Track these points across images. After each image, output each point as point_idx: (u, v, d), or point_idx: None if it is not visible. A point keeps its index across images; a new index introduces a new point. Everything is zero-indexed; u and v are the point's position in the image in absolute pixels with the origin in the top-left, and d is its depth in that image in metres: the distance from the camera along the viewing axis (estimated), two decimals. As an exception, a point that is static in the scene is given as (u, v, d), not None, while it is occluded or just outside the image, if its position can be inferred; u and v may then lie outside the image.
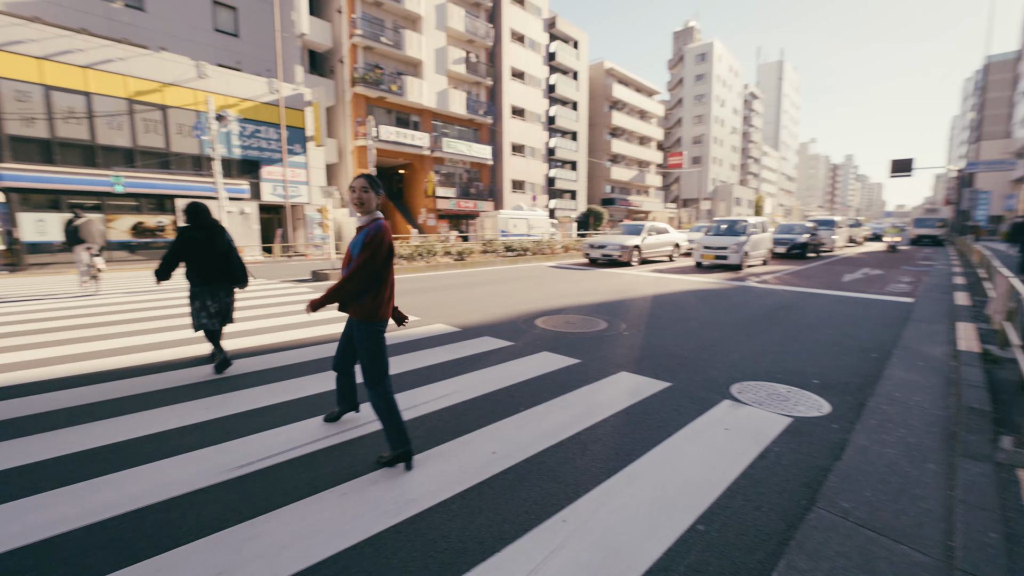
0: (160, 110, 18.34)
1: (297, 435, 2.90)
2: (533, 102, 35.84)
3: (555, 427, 3.03)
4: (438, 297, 8.41)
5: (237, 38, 23.58)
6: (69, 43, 16.28)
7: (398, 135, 26.76)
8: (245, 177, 20.49)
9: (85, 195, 16.83)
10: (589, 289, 9.38)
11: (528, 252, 16.88)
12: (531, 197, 35.39)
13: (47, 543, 1.93)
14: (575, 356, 4.62)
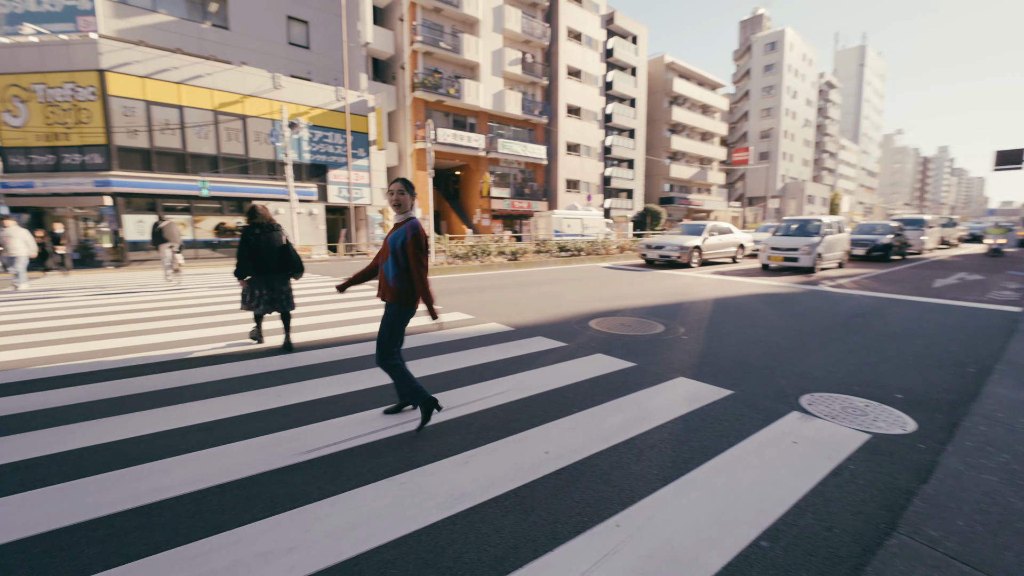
0: (240, 120, 19.92)
1: (359, 425, 3.05)
2: (589, 100, 35.40)
3: (609, 430, 2.98)
4: (491, 296, 8.52)
5: (308, 50, 25.15)
6: (167, 62, 18.09)
7: (455, 137, 27.39)
8: (313, 180, 21.81)
9: (176, 198, 18.63)
10: (645, 291, 9.14)
11: (582, 252, 16.71)
12: (586, 197, 34.98)
13: (150, 507, 2.17)
14: (630, 359, 4.52)
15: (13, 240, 10.00)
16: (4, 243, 10.02)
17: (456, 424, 3.07)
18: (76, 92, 16.87)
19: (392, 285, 2.90)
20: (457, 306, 7.44)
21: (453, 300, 8.07)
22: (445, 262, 13.64)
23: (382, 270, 2.98)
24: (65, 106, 16.98)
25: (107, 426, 3.06)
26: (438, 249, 15.12)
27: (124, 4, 20.18)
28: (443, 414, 3.21)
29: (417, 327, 5.97)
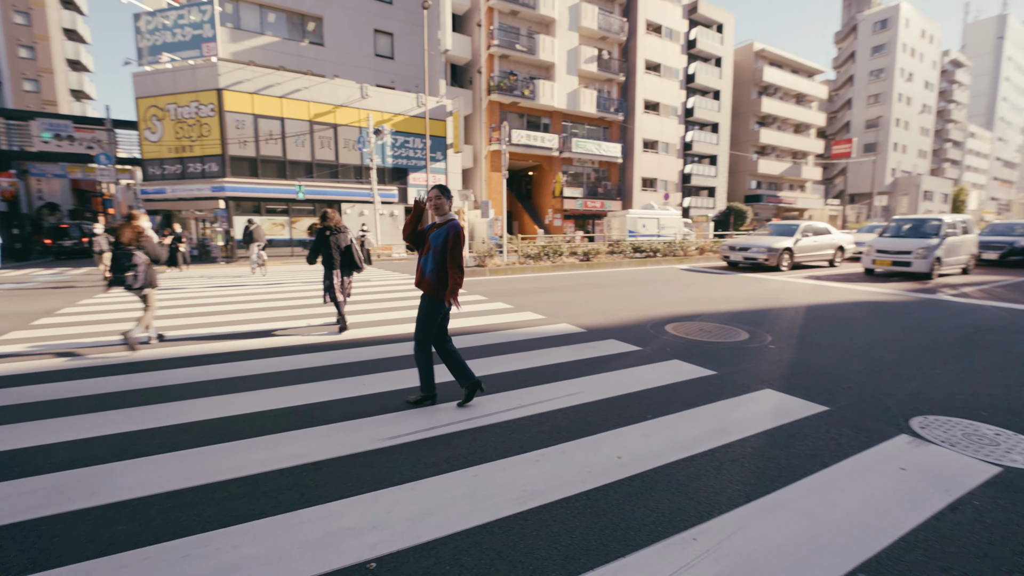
0: (332, 128, 21.59)
1: (435, 416, 3.20)
2: (668, 95, 33.97)
3: (686, 440, 2.86)
4: (563, 297, 8.49)
5: (392, 60, 26.64)
6: (271, 79, 20.06)
7: (528, 138, 27.60)
8: (395, 183, 23.09)
9: (276, 202, 20.62)
10: (728, 295, 8.61)
11: (658, 254, 16.10)
12: (663, 195, 33.60)
13: (256, 477, 2.45)
14: (710, 367, 4.29)
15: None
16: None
17: (527, 422, 3.11)
18: (199, 109, 19.28)
19: (428, 278, 3.21)
20: (528, 306, 7.51)
21: (524, 300, 8.16)
22: (517, 262, 13.81)
23: (420, 263, 3.27)
24: (190, 122, 19.47)
25: (219, 403, 3.48)
26: (510, 249, 15.34)
27: (238, 30, 22.70)
28: (514, 412, 3.27)
29: (489, 325, 6.11)
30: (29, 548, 1.94)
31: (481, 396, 3.53)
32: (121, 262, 4.97)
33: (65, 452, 2.75)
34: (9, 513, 2.17)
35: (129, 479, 2.45)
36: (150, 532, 2.03)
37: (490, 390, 3.69)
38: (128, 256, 5.00)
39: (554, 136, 28.65)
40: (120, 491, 2.34)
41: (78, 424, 3.13)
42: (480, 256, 13.58)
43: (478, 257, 13.66)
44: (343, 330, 5.77)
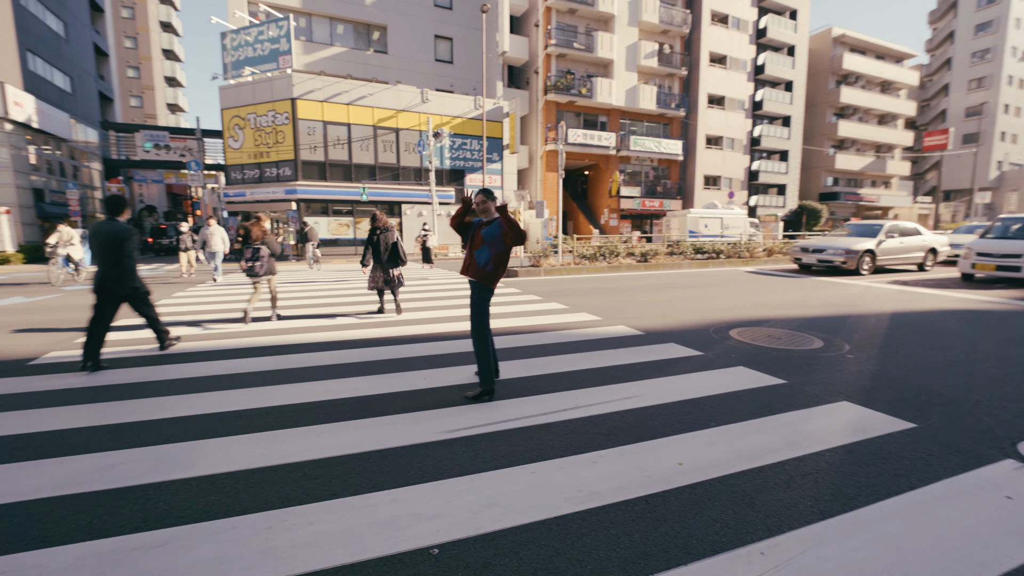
0: (394, 132, 22.49)
1: (494, 413, 3.27)
2: (734, 88, 32.30)
3: (753, 450, 2.73)
4: (619, 298, 8.34)
5: (451, 64, 27.32)
6: (339, 87, 21.22)
7: (585, 137, 27.30)
8: (452, 184, 23.67)
9: (342, 203, 21.78)
10: (799, 300, 8.08)
11: (721, 255, 15.37)
12: (727, 194, 32.02)
13: (328, 460, 2.62)
14: (780, 376, 4.05)
15: (214, 237, 11.34)
16: (207, 240, 11.30)
17: (584, 423, 3.10)
18: (275, 118, 20.77)
19: (482, 268, 3.53)
20: (584, 306, 7.44)
21: (579, 300, 8.09)
22: (571, 262, 13.72)
23: (474, 256, 3.57)
24: (267, 130, 21.03)
25: (294, 391, 3.75)
26: (564, 249, 15.25)
27: (310, 42, 24.23)
28: (571, 412, 3.27)
29: (544, 325, 6.13)
30: (140, 509, 2.20)
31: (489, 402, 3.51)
32: (251, 254, 6.24)
33: (165, 428, 3.08)
34: (122, 478, 2.46)
35: (219, 455, 2.70)
36: (237, 504, 2.23)
37: (546, 390, 3.71)
38: (256, 250, 6.27)
39: (611, 134, 28.14)
40: (211, 465, 2.59)
41: (174, 404, 3.50)
42: (535, 256, 13.62)
43: (532, 257, 13.71)
44: (380, 311, 6.98)
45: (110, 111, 34.48)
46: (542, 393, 3.64)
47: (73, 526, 2.08)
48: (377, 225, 6.79)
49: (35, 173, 22.00)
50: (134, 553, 1.89)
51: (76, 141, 26.02)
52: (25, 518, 2.14)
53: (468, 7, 27.18)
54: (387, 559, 1.85)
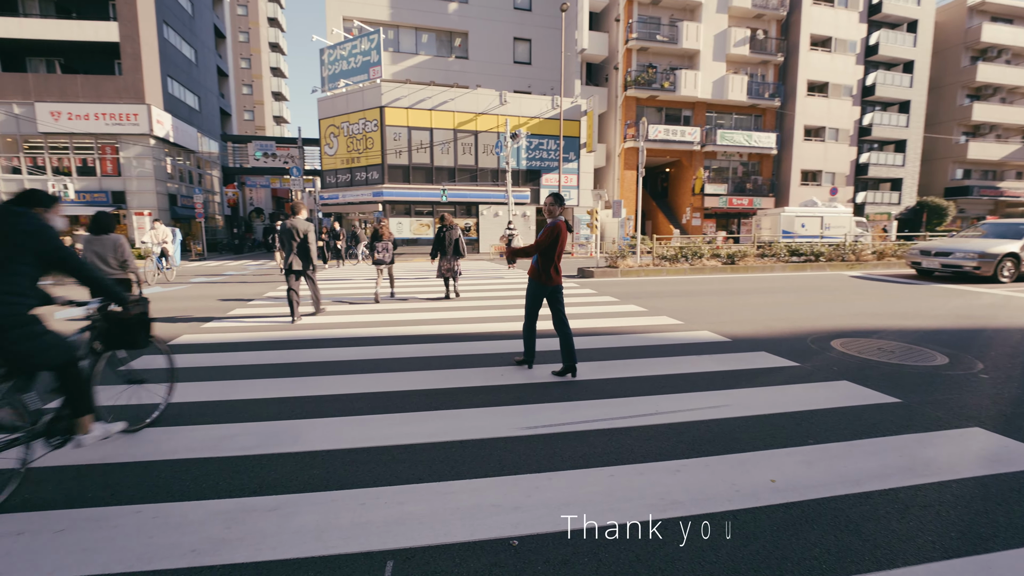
0: (472, 135, 23.14)
1: (572, 413, 3.26)
2: (840, 72, 29.17)
3: (859, 474, 2.47)
4: (703, 302, 7.91)
5: (529, 65, 27.53)
6: (423, 94, 22.25)
7: (666, 133, 26.19)
8: (528, 185, 23.86)
9: (423, 204, 22.81)
10: (917, 309, 7.14)
11: (821, 258, 13.99)
12: (828, 190, 29.05)
13: (414, 447, 2.78)
14: (892, 394, 3.62)
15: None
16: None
17: (665, 430, 2.99)
18: (365, 126, 22.27)
19: (532, 264, 4.05)
20: (664, 310, 7.16)
21: (659, 303, 7.80)
22: (650, 263, 13.23)
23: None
24: (358, 137, 22.61)
25: (383, 379, 4.01)
26: (643, 250, 14.75)
27: (397, 52, 25.65)
28: (652, 418, 3.17)
29: (621, 327, 5.99)
30: (253, 477, 2.48)
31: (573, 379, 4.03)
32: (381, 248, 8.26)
33: (273, 406, 3.45)
34: (239, 447, 2.80)
35: (319, 433, 2.98)
36: (335, 479, 2.45)
37: (625, 393, 3.64)
38: (385, 245, 8.28)
39: (695, 129, 26.71)
40: (313, 442, 2.86)
41: (280, 386, 3.90)
42: (611, 257, 13.32)
43: (609, 258, 13.42)
44: (447, 298, 8.38)
45: (228, 125, 39.13)
46: (621, 396, 3.57)
47: (203, 485, 2.40)
48: (444, 224, 8.38)
49: (170, 181, 25.59)
50: (252, 514, 2.15)
51: (201, 152, 29.86)
52: (168, 474, 2.51)
53: (547, 7, 27.20)
54: (470, 545, 1.93)
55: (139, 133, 22.85)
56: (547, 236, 3.90)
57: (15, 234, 2.21)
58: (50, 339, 2.32)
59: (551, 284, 3.98)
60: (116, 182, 23.39)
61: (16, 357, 2.22)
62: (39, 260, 2.27)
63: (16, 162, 22.76)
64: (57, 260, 2.32)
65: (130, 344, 2.90)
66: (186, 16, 28.53)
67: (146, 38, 23.11)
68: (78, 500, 2.27)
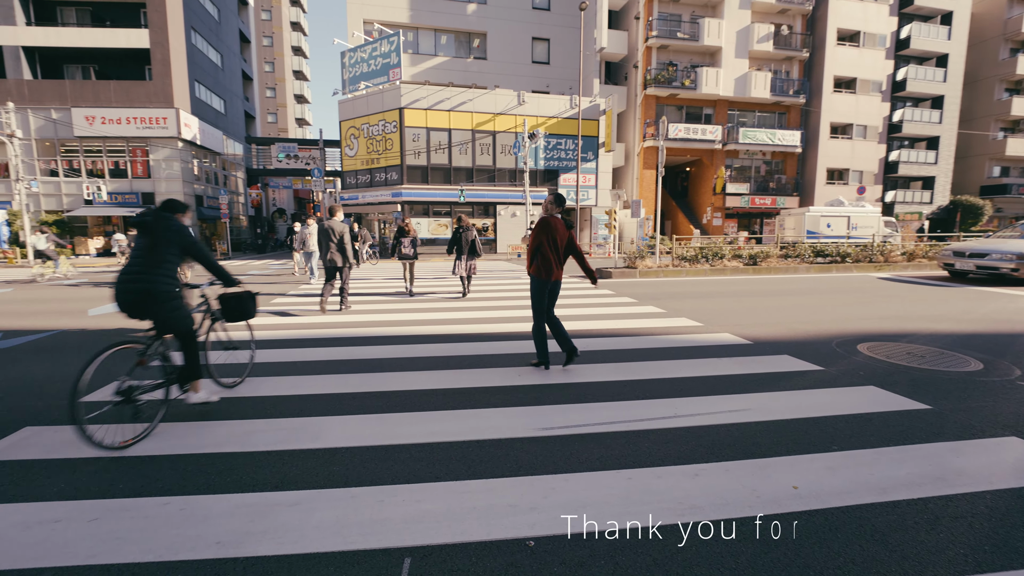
0: (491, 136, 23.20)
1: (589, 415, 3.25)
2: (868, 67, 28.34)
3: (885, 482, 2.40)
4: (724, 304, 7.78)
5: (548, 65, 27.46)
6: (442, 95, 22.41)
7: (687, 131, 25.83)
8: (545, 184, 23.80)
9: (442, 204, 22.97)
10: (949, 313, 6.89)
11: (847, 259, 13.62)
12: (856, 189, 28.24)
13: (431, 445, 2.80)
14: (922, 400, 3.50)
15: (312, 237, 10.70)
16: (305, 239, 10.78)
17: (684, 433, 2.95)
18: (385, 127, 22.54)
19: (534, 263, 4.17)
20: (683, 311, 7.06)
21: (678, 304, 7.70)
22: (670, 264, 13.07)
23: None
24: (378, 138, 22.89)
25: (401, 378, 4.06)
26: (662, 251, 14.59)
27: (417, 54, 25.88)
28: (670, 421, 3.13)
29: (639, 328, 5.94)
30: (275, 472, 2.54)
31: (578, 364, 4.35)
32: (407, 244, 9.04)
33: (295, 403, 3.52)
34: (262, 443, 2.87)
35: (338, 431, 3.03)
36: (355, 476, 2.49)
37: (642, 395, 3.60)
38: (411, 241, 9.05)
39: (717, 127, 26.27)
40: (333, 439, 2.91)
41: (302, 383, 3.98)
42: (630, 257, 13.20)
43: (627, 258, 13.30)
44: (464, 296, 8.77)
45: (252, 127, 40.06)
46: (638, 399, 3.53)
47: (228, 479, 2.47)
48: (460, 225, 8.79)
49: (197, 182, 26.33)
50: (274, 508, 2.20)
51: (226, 154, 30.65)
52: (195, 468, 2.59)
53: (566, 6, 27.10)
54: (486, 544, 1.94)
55: (168, 136, 23.59)
56: (533, 234, 4.12)
57: (166, 232, 3.05)
58: (185, 311, 3.20)
59: (552, 279, 4.12)
60: (146, 184, 24.19)
61: (165, 322, 3.06)
62: (180, 251, 3.10)
63: (54, 165, 23.74)
64: (192, 251, 3.17)
65: (244, 315, 3.71)
66: (213, 22, 29.32)
67: (175, 44, 23.84)
68: (110, 491, 2.36)
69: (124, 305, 2.95)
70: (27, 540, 1.99)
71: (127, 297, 2.93)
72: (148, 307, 2.97)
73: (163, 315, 3.02)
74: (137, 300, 2.94)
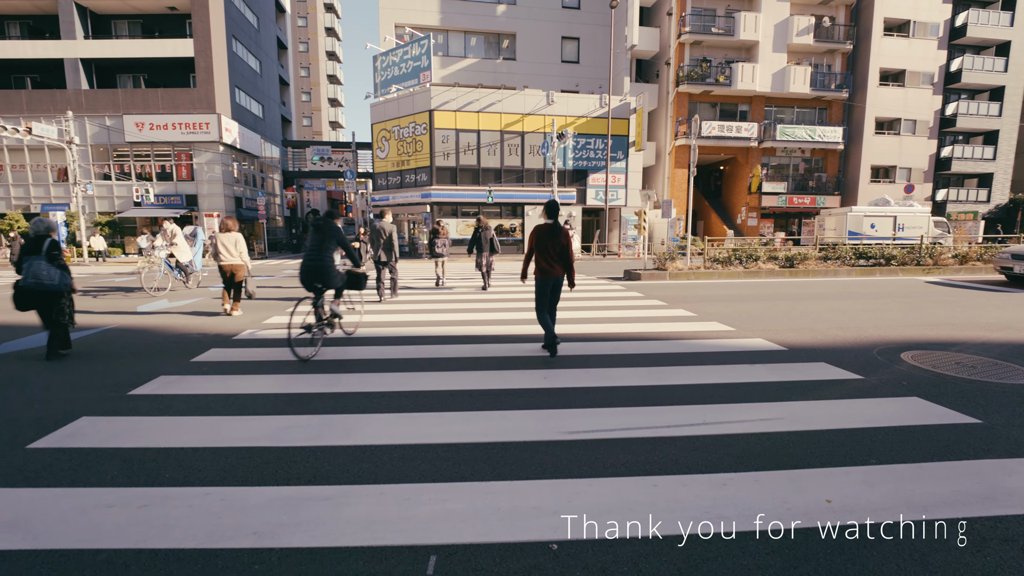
0: (519, 136, 23.23)
1: (616, 420, 3.23)
2: (919, 58, 26.89)
3: (927, 499, 2.29)
4: (757, 308, 7.56)
5: (577, 64, 27.28)
6: (471, 96, 22.59)
7: (720, 129, 25.17)
8: (574, 185, 23.66)
9: (470, 205, 23.15)
10: (1006, 321, 6.48)
11: (892, 261, 12.98)
12: (903, 187, 26.85)
13: (457, 446, 2.85)
14: (971, 413, 3.31)
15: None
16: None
17: (712, 441, 2.90)
18: (415, 129, 22.90)
19: (536, 266, 4.78)
20: (714, 315, 6.90)
21: (709, 308, 7.53)
22: (702, 266, 12.78)
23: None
24: (408, 140, 23.28)
25: (428, 378, 4.14)
26: (693, 252, 14.28)
27: (446, 56, 26.18)
28: (698, 428, 3.08)
29: (668, 332, 5.85)
30: (308, 467, 2.64)
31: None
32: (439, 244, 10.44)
33: (327, 401, 3.64)
34: (296, 438, 2.98)
35: (369, 429, 3.12)
36: (384, 473, 2.56)
37: (670, 401, 3.55)
38: (443, 242, 10.50)
39: (752, 124, 25.49)
40: (364, 437, 3.00)
41: (334, 381, 4.11)
42: (659, 259, 12.97)
43: (657, 260, 13.08)
44: (485, 288, 9.80)
45: (288, 131, 41.45)
46: (666, 404, 3.49)
47: (264, 472, 2.58)
48: (480, 225, 10.03)
49: (236, 184, 27.45)
50: (307, 502, 2.29)
51: (264, 157, 31.83)
52: (234, 460, 2.72)
53: (596, 4, 26.85)
54: (509, 545, 1.96)
55: (210, 140, 24.69)
56: (528, 241, 4.83)
57: (331, 230, 4.96)
58: (339, 278, 5.16)
59: (550, 276, 4.69)
60: (190, 186, 25.40)
61: (329, 283, 4.99)
62: (336, 243, 4.99)
63: (107, 169, 25.24)
64: (342, 243, 5.04)
65: (359, 286, 5.57)
66: (252, 30, 30.50)
67: (217, 52, 24.93)
68: (157, 480, 2.51)
69: (306, 275, 4.88)
70: (85, 523, 2.14)
71: (310, 270, 4.87)
72: (320, 276, 4.89)
73: (327, 281, 4.95)
74: (315, 272, 4.87)
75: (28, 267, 4.66)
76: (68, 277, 4.85)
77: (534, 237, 4.72)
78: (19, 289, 4.69)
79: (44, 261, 4.71)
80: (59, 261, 4.81)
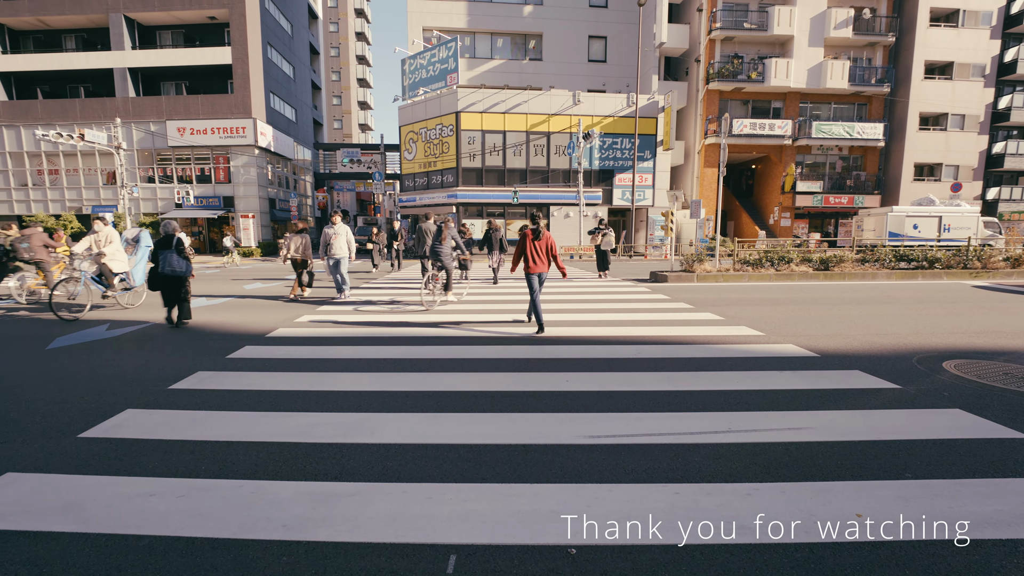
0: (545, 136, 23.20)
1: (638, 424, 3.20)
2: (968, 49, 25.49)
3: (968, 517, 2.18)
4: (789, 312, 7.34)
5: (604, 63, 27.05)
6: (497, 98, 22.70)
7: (752, 127, 24.50)
8: (600, 185, 23.47)
9: (495, 206, 23.27)
10: (1059, 326, 6.09)
11: (936, 264, 12.36)
12: (949, 186, 25.51)
13: (475, 447, 2.89)
14: (1019, 428, 3.14)
15: (338, 238, 8.99)
16: (330, 242, 8.96)
17: (737, 450, 2.84)
18: (442, 131, 23.18)
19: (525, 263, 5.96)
20: (743, 319, 6.74)
21: (738, 312, 7.35)
22: (731, 268, 12.47)
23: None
24: (435, 142, 23.58)
25: (451, 379, 4.20)
26: (723, 253, 13.94)
27: (473, 58, 26.38)
28: (723, 436, 3.02)
29: (693, 336, 5.75)
30: (335, 464, 2.72)
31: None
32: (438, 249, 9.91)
33: (354, 399, 3.74)
34: (323, 435, 3.08)
35: (393, 427, 3.19)
36: (407, 471, 2.62)
37: (694, 407, 3.50)
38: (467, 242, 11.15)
39: (786, 122, 24.72)
40: (388, 435, 3.07)
41: (361, 380, 4.22)
42: (687, 260, 12.73)
43: (684, 261, 12.84)
44: (495, 282, 11.37)
45: (320, 134, 42.56)
46: (690, 410, 3.44)
47: (293, 467, 2.68)
48: (491, 227, 11.95)
49: (270, 186, 28.38)
50: (333, 497, 2.37)
51: (297, 160, 32.79)
52: (265, 455, 2.83)
53: (624, 2, 26.56)
54: (528, 548, 1.98)
55: (246, 144, 25.62)
56: (517, 246, 5.97)
57: (443, 231, 7.94)
58: (450, 260, 8.06)
59: (534, 271, 5.85)
60: (227, 188, 26.42)
61: (442, 262, 7.99)
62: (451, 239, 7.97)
63: (151, 172, 26.51)
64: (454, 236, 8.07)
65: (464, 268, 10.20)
66: (286, 36, 31.48)
67: (253, 58, 25.84)
68: (194, 471, 2.64)
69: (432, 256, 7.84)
70: (129, 510, 2.28)
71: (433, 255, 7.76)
72: (439, 258, 7.75)
73: (442, 260, 7.78)
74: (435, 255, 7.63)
75: (164, 259, 6.20)
76: (190, 267, 6.38)
77: (522, 242, 5.89)
78: (156, 275, 6.29)
79: (175, 254, 6.24)
80: (184, 254, 6.33)
